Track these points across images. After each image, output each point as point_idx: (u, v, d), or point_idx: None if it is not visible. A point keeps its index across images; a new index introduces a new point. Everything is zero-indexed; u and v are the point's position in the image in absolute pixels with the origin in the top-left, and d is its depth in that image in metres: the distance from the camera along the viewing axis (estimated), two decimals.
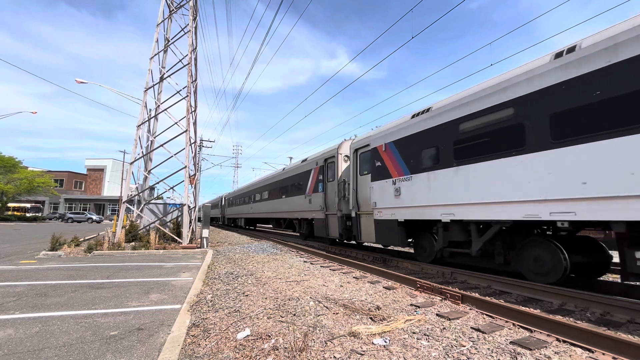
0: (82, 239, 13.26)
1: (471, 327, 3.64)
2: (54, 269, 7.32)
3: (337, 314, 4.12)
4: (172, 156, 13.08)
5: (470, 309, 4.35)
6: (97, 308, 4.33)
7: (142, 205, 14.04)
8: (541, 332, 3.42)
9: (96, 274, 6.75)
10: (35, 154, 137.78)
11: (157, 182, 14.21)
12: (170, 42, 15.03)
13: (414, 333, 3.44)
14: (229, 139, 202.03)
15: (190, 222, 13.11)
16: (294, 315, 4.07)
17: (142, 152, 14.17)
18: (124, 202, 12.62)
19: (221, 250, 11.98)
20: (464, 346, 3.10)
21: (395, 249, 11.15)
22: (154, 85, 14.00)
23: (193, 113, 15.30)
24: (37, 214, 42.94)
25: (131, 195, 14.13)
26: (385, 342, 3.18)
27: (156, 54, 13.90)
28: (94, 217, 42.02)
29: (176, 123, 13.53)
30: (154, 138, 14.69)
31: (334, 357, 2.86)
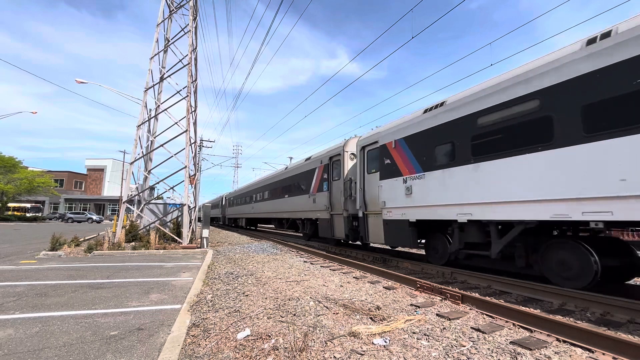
0: (82, 239, 13.27)
1: (471, 327, 3.64)
2: (54, 269, 7.32)
3: (337, 314, 4.12)
4: (172, 156, 13.09)
5: (470, 309, 4.35)
6: (97, 308, 4.33)
7: (142, 205, 14.05)
8: (541, 332, 3.42)
9: (96, 274, 6.75)
10: (35, 154, 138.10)
11: (157, 182, 14.22)
12: (170, 42, 15.04)
13: (414, 333, 3.44)
14: (229, 139, 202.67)
15: (190, 222, 13.11)
16: (294, 315, 4.07)
17: (142, 152, 14.18)
18: (124, 202, 12.63)
19: (221, 250, 11.98)
20: (464, 346, 3.10)
21: (395, 249, 11.13)
22: (154, 85, 14.01)
23: (193, 113, 15.31)
24: (37, 214, 42.99)
25: (131, 195, 14.14)
26: (385, 342, 3.18)
27: (156, 54, 13.91)
28: (94, 217, 42.05)
29: (176, 123, 13.54)
30: (154, 138, 14.69)
31: (334, 357, 2.86)
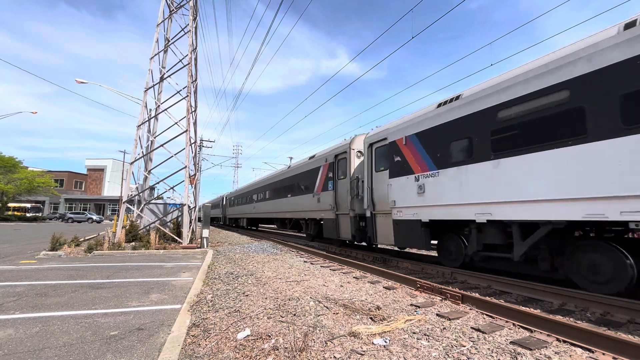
0: (82, 239, 13.27)
1: (471, 327, 3.64)
2: (54, 269, 7.32)
3: (337, 314, 4.12)
4: (172, 156, 13.10)
5: (470, 309, 4.35)
6: (97, 308, 4.33)
7: (142, 205, 14.05)
8: (541, 332, 3.42)
9: (96, 274, 6.75)
10: (35, 154, 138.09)
11: (157, 182, 14.22)
12: (170, 42, 15.04)
13: (414, 333, 3.44)
14: (229, 139, 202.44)
15: (190, 222, 13.12)
16: (294, 315, 4.07)
17: (142, 152, 14.19)
18: (124, 202, 12.63)
19: (221, 250, 11.98)
20: (464, 346, 3.10)
21: (395, 249, 11.13)
22: (154, 85, 14.02)
23: (193, 113, 15.31)
24: (37, 214, 43.02)
25: (131, 195, 14.15)
26: (386, 342, 3.18)
27: (156, 54, 13.91)
28: (94, 217, 42.06)
29: (176, 123, 13.55)
30: (154, 138, 14.70)
31: (334, 357, 2.86)
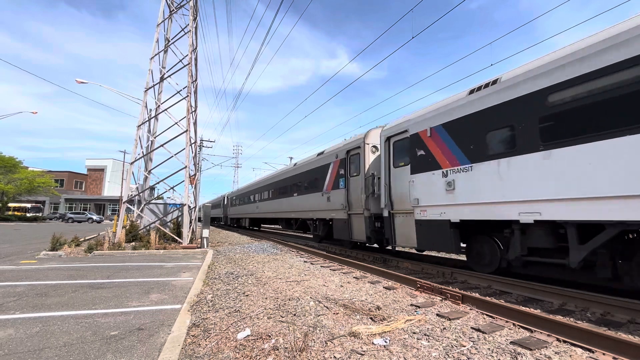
0: (83, 239, 13.28)
1: (471, 327, 3.64)
2: (54, 269, 7.33)
3: (337, 314, 4.12)
4: (172, 156, 13.10)
5: (470, 309, 4.35)
6: (97, 308, 4.33)
7: (142, 205, 14.05)
8: (541, 332, 3.42)
9: (96, 274, 6.75)
10: (36, 154, 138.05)
11: (158, 182, 14.23)
12: (170, 42, 15.05)
13: (414, 333, 3.44)
14: (229, 139, 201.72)
15: (190, 222, 13.12)
16: (294, 315, 4.07)
17: (143, 152, 14.19)
18: (124, 202, 12.64)
19: (221, 250, 11.99)
20: (464, 346, 3.10)
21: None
22: (154, 86, 14.02)
23: (193, 113, 15.31)
24: (38, 214, 43.05)
25: (131, 195, 14.15)
26: (386, 342, 3.18)
27: (156, 54, 13.92)
28: (94, 217, 42.07)
29: (176, 123, 13.55)
30: (154, 138, 14.71)
31: (334, 357, 2.86)
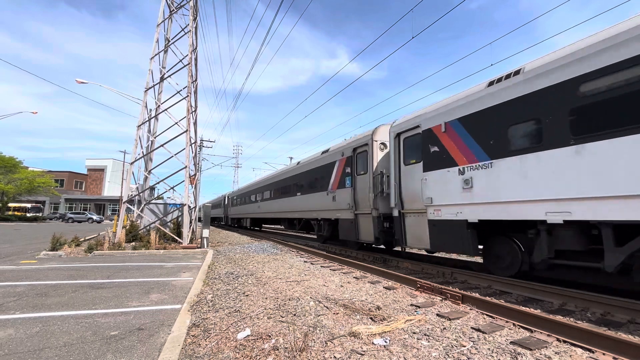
0: (83, 239, 13.28)
1: (471, 327, 3.64)
2: (54, 269, 7.33)
3: (337, 314, 4.12)
4: (172, 156, 13.10)
5: (470, 309, 4.35)
6: (97, 308, 4.33)
7: (142, 205, 14.06)
8: (541, 332, 3.42)
9: (96, 274, 6.76)
10: (36, 154, 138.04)
11: (158, 182, 14.23)
12: (170, 42, 15.05)
13: (414, 333, 3.44)
14: (229, 139, 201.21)
15: (190, 222, 13.12)
16: (294, 315, 4.07)
17: (143, 152, 14.19)
18: (124, 202, 12.64)
19: (221, 250, 11.99)
20: (464, 346, 3.10)
21: (395, 248, 11.09)
22: (154, 86, 14.02)
23: (193, 113, 15.32)
24: (38, 214, 43.09)
25: (131, 195, 14.15)
26: (386, 342, 3.18)
27: (156, 54, 13.92)
28: (95, 217, 42.09)
29: (176, 123, 13.55)
30: (154, 138, 14.71)
31: (334, 357, 2.86)
